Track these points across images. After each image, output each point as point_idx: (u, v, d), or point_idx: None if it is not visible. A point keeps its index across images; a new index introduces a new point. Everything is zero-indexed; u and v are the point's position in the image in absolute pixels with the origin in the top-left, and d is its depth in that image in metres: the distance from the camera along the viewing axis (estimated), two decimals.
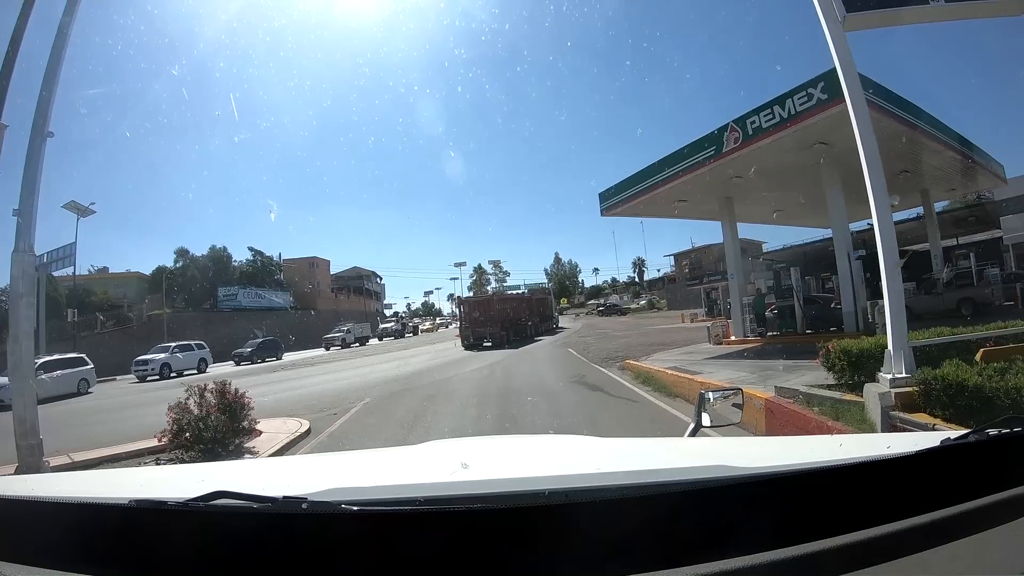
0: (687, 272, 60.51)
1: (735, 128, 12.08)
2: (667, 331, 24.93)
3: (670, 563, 0.74)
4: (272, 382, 16.05)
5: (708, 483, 0.88)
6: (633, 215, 16.89)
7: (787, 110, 11.35)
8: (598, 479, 1.06)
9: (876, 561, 0.76)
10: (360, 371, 17.24)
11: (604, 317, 51.52)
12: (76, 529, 0.82)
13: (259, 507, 0.80)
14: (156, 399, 8.87)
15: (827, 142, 12.40)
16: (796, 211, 19.10)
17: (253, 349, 28.48)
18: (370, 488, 1.11)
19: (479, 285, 67.97)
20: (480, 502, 0.84)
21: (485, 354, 19.97)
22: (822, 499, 0.83)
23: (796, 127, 11.44)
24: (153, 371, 22.23)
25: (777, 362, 10.12)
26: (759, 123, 11.69)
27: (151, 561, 0.79)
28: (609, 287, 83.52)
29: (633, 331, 27.16)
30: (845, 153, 13.37)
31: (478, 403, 9.29)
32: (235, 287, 44.30)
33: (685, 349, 15.38)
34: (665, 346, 16.69)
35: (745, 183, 14.36)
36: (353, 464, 1.72)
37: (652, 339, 20.48)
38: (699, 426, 1.84)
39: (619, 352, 15.90)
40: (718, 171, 13.14)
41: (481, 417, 8.06)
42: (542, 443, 2.05)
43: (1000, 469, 0.92)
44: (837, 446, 1.32)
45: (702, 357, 12.57)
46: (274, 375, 19.05)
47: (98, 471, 2.13)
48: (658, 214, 17.67)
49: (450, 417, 8.27)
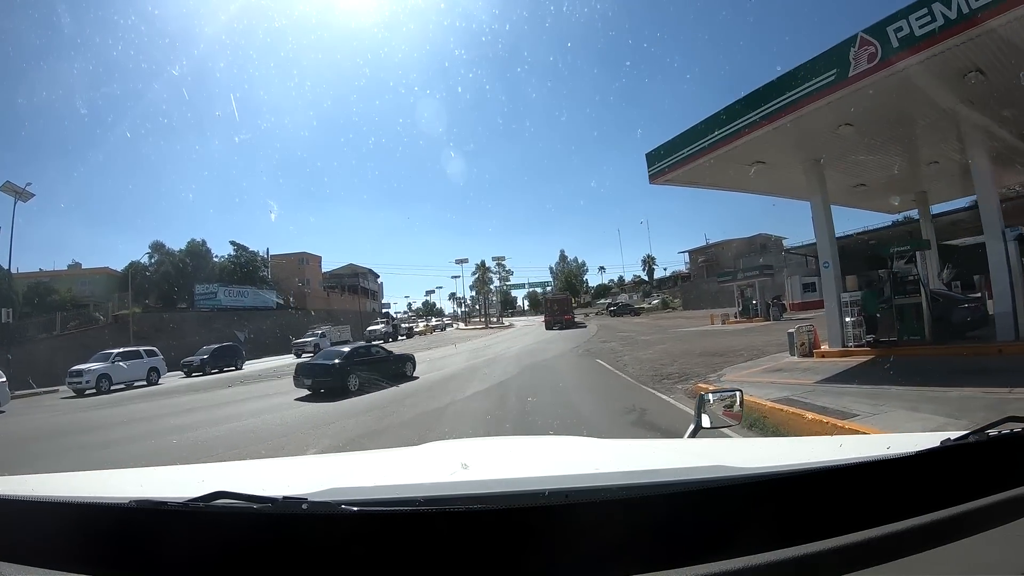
0: (704, 269, 56.62)
1: (868, 41, 8.13)
2: (705, 335, 20.99)
3: (670, 564, 0.73)
4: (203, 408, 12.20)
5: (708, 484, 0.89)
6: (689, 183, 12.85)
7: (955, 8, 7.43)
8: (598, 480, 1.06)
9: (876, 561, 0.76)
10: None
11: (617, 318, 47.75)
12: (76, 529, 0.83)
13: (259, 507, 0.80)
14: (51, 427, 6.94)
15: (986, 70, 8.51)
16: (880, 187, 15.09)
17: (206, 357, 23.98)
18: (370, 488, 1.10)
19: (482, 283, 64.20)
20: (480, 502, 0.84)
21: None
22: (822, 500, 0.83)
23: (965, 35, 7.52)
24: (88, 383, 18.34)
25: (952, 391, 6.47)
26: (909, 30, 7.76)
27: (151, 561, 0.78)
28: (616, 286, 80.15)
29: (661, 334, 23.24)
30: (1006, 91, 9.67)
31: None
32: (215, 285, 40.37)
33: (762, 364, 11.47)
34: (725, 358, 12.80)
35: (848, 138, 10.42)
36: (353, 464, 1.73)
37: (696, 345, 16.59)
38: (699, 427, 1.84)
39: (667, 367, 12.02)
40: (827, 113, 9.19)
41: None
42: (542, 444, 2.09)
43: (1000, 469, 0.91)
44: (837, 446, 1.31)
45: (811, 379, 8.64)
46: (221, 393, 15.17)
47: (98, 471, 1.53)
48: (721, 184, 13.52)
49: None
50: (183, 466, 1.96)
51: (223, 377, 21.10)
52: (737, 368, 11.12)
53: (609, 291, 78.26)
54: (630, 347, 18.03)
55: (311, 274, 51.94)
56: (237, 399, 13.34)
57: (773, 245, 56.48)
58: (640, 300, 61.86)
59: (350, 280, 60.41)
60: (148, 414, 11.72)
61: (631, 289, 74.55)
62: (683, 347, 16.57)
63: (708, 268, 56.29)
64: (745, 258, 52.56)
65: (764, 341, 16.43)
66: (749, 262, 45.13)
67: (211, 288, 39.92)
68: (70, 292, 37.74)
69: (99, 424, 10.79)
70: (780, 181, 12.92)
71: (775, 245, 56.62)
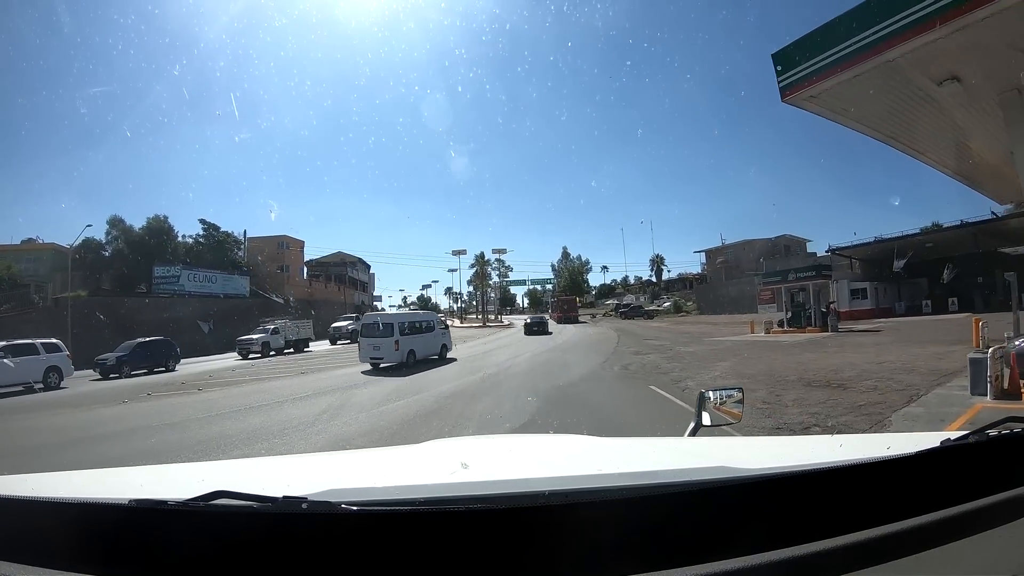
0: (722, 270, 52.06)
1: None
2: (768, 349, 16.40)
3: (670, 564, 0.73)
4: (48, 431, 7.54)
5: (708, 484, 0.88)
6: (837, 112, 8.17)
7: None
8: (598, 480, 1.06)
9: (876, 561, 0.76)
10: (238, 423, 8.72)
11: (628, 320, 43.29)
12: (76, 529, 0.82)
13: (259, 507, 0.79)
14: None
15: None
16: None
17: (125, 355, 19.05)
18: (370, 488, 1.10)
19: (480, 277, 59.51)
20: (480, 502, 0.84)
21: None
22: (822, 500, 0.83)
23: None
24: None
25: None
26: None
27: (151, 561, 0.78)
28: (621, 286, 75.61)
29: (699, 344, 18.67)
30: None
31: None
32: (177, 267, 35.51)
33: (930, 408, 6.87)
34: (855, 393, 8.23)
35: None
36: (353, 464, 1.69)
37: (775, 366, 12.03)
38: (699, 425, 1.83)
39: (781, 407, 7.44)
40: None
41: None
42: (542, 443, 2.07)
43: (1000, 470, 0.91)
44: (837, 446, 1.31)
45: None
46: (101, 414, 10.49)
47: (98, 471, 1.44)
48: (883, 126, 8.80)
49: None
50: (183, 465, 2.05)
51: (139, 383, 16.26)
52: (910, 418, 6.54)
53: (613, 291, 74.00)
54: (678, 363, 13.42)
55: (291, 260, 47.07)
56: (114, 427, 8.69)
57: (797, 247, 52.29)
58: (648, 302, 57.45)
59: (337, 269, 55.63)
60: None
61: (637, 290, 70.18)
62: (759, 368, 11.97)
63: (727, 270, 51.74)
64: (768, 260, 48.34)
65: (867, 361, 11.95)
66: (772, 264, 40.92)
67: (173, 271, 35.08)
68: (9, 270, 32.81)
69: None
70: (965, 123, 8.21)
71: (799, 247, 52.49)
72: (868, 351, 14.55)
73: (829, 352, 14.81)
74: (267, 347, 25.48)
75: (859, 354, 13.89)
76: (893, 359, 12.35)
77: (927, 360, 11.67)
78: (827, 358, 13.39)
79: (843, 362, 12.31)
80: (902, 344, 15.60)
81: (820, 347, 16.25)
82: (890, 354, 13.35)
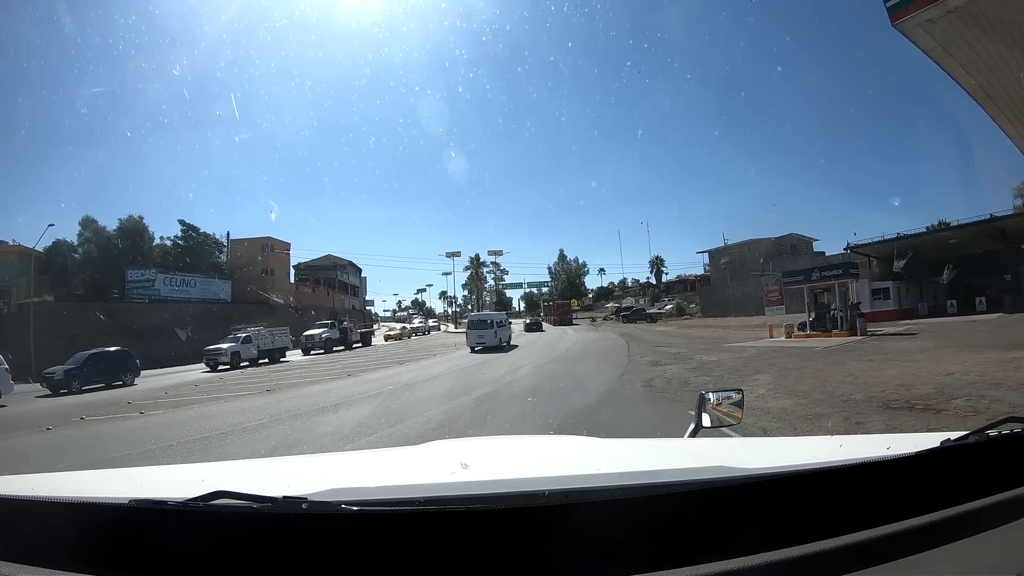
0: (727, 271, 50.33)
1: None
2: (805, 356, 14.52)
3: (670, 564, 0.72)
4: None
5: (708, 484, 0.87)
6: (950, 42, 6.31)
7: None
8: (598, 480, 1.05)
9: (876, 562, 0.75)
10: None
11: (631, 324, 41.46)
12: (76, 528, 0.81)
13: (259, 507, 0.79)
14: None
15: None
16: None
17: (74, 368, 16.88)
18: (370, 488, 1.09)
19: (475, 280, 57.56)
20: (480, 503, 0.83)
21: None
22: (822, 500, 0.82)
23: None
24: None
25: None
26: None
27: (151, 561, 0.77)
28: (619, 289, 73.82)
29: (720, 352, 16.77)
30: None
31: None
32: (152, 271, 33.34)
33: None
34: (936, 412, 6.39)
35: None
36: (353, 464, 1.69)
37: (828, 380, 10.12)
38: (699, 426, 1.81)
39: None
40: None
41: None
42: (542, 443, 2.05)
43: (1000, 470, 0.90)
44: (837, 447, 1.29)
45: None
46: (10, 445, 8.45)
47: (98, 471, 1.83)
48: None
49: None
50: (183, 465, 2.03)
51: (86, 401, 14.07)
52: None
53: (611, 294, 72.21)
54: (706, 376, 11.45)
55: (277, 263, 44.84)
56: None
57: (804, 246, 50.75)
58: (648, 304, 55.70)
59: (327, 273, 53.47)
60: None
61: (636, 292, 68.41)
62: (809, 383, 10.04)
63: (731, 271, 50.02)
64: (774, 259, 46.70)
65: (931, 372, 10.09)
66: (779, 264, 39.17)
67: (147, 275, 32.95)
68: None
69: None
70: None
71: (806, 246, 50.95)
72: (920, 359, 12.64)
73: (876, 361, 12.90)
74: (237, 357, 23.01)
75: (913, 363, 11.98)
76: (958, 369, 10.44)
77: (1000, 369, 9.81)
78: (879, 369, 11.47)
79: (903, 374, 10.39)
80: (952, 350, 13.70)
81: (862, 355, 14.36)
82: (949, 363, 11.44)
